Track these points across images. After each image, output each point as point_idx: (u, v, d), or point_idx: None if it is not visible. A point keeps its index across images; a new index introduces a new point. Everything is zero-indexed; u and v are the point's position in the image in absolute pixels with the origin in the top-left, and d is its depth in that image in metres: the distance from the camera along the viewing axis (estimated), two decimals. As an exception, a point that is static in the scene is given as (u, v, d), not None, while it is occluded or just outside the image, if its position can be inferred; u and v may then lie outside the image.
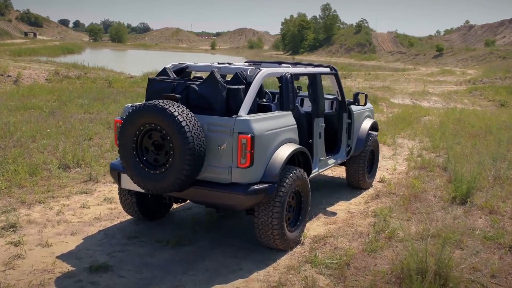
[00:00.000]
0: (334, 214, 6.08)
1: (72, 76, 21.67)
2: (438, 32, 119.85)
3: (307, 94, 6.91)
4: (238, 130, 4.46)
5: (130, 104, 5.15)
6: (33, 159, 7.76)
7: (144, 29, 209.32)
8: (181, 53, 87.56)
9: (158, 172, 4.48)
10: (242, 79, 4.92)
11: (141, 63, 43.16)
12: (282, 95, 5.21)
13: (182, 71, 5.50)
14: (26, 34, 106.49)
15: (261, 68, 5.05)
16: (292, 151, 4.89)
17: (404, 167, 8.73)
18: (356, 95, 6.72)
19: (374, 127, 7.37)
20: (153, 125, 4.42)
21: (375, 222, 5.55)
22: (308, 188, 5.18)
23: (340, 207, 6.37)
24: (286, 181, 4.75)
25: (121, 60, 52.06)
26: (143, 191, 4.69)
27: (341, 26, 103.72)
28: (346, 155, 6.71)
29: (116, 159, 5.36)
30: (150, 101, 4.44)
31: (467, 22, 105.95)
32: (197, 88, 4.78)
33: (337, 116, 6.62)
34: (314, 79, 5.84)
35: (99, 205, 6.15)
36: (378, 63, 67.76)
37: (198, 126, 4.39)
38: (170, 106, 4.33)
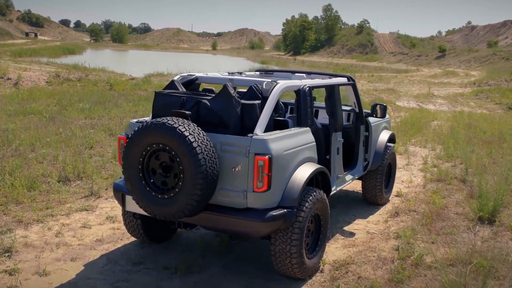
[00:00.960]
0: (352, 234, 5.68)
1: (73, 79, 21.30)
2: (439, 32, 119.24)
3: (321, 105, 6.51)
4: (254, 150, 4.07)
5: (135, 120, 4.76)
6: (31, 170, 7.36)
7: (145, 29, 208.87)
8: (182, 53, 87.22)
9: (166, 196, 4.09)
10: (257, 94, 4.52)
11: (142, 63, 42.82)
12: (299, 110, 4.82)
13: (191, 84, 5.11)
14: (27, 34, 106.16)
15: (278, 81, 4.65)
16: (312, 172, 4.49)
17: (420, 179, 8.33)
18: (374, 107, 6.33)
19: (391, 139, 6.97)
20: (161, 145, 4.03)
21: (398, 246, 5.15)
22: (327, 210, 4.79)
23: (358, 226, 5.97)
24: (306, 205, 4.36)
25: (122, 60, 51.69)
26: (149, 215, 4.30)
27: (342, 26, 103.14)
28: (363, 170, 6.31)
29: (120, 178, 4.96)
30: (158, 119, 4.05)
31: (469, 22, 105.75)
32: (208, 103, 4.38)
33: (354, 129, 6.21)
34: (332, 90, 5.44)
35: (101, 224, 5.75)
36: (380, 64, 67.28)
37: (210, 146, 4.00)
38: (180, 125, 3.93)
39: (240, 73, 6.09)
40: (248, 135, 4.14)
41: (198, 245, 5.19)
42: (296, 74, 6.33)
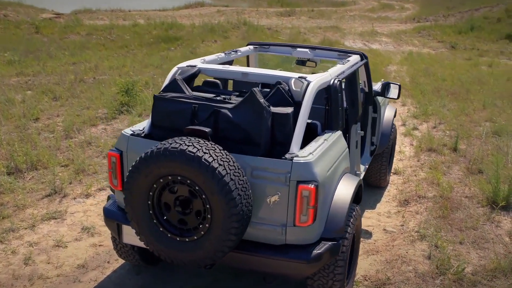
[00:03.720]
0: (369, 234, 5.07)
1: (-11, 20, 18.77)
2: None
3: None
4: (297, 177, 3.21)
5: (129, 130, 3.71)
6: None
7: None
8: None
9: (187, 239, 3.21)
10: (286, 97, 3.59)
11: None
12: (331, 110, 3.96)
13: (192, 79, 4.06)
14: None
15: (308, 79, 3.73)
16: (354, 190, 3.73)
17: (409, 148, 7.84)
18: (385, 86, 5.55)
19: (395, 115, 6.29)
20: (179, 178, 3.10)
21: (430, 253, 4.61)
22: (360, 227, 4.12)
23: (371, 221, 5.36)
24: (349, 231, 3.63)
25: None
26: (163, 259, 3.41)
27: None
28: (370, 155, 5.64)
29: (109, 199, 3.97)
30: (172, 142, 3.07)
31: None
32: (230, 114, 3.41)
33: (362, 111, 5.45)
34: (354, 77, 4.62)
35: (77, 240, 4.76)
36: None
37: (243, 177, 3.12)
38: (204, 152, 3.00)
39: (236, 51, 5.10)
40: (286, 156, 3.28)
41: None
42: (298, 49, 5.43)
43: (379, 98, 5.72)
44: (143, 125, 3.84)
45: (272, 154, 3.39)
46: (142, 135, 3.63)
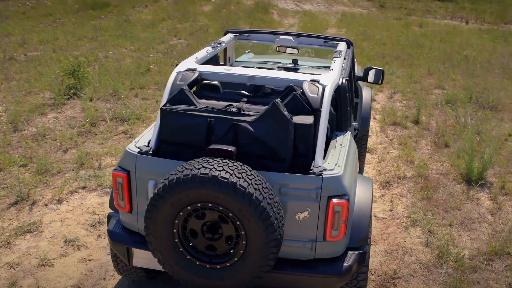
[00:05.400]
0: (362, 222, 5.09)
1: None
2: None
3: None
4: (327, 193, 3.06)
5: (135, 147, 3.35)
6: None
7: None
8: None
9: (219, 266, 3.01)
10: (304, 104, 3.38)
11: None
12: (340, 111, 3.81)
13: (194, 85, 3.72)
14: None
15: (322, 82, 3.53)
16: (372, 193, 3.66)
17: (372, 122, 7.91)
18: (368, 70, 5.44)
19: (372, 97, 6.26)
20: (210, 205, 2.86)
21: (427, 240, 4.70)
22: None
23: (359, 207, 5.39)
24: (369, 236, 3.58)
25: None
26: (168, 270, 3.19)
27: None
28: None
29: (109, 219, 3.63)
30: (199, 167, 2.79)
31: None
32: (251, 127, 3.17)
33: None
34: (352, 71, 4.49)
35: (63, 255, 4.36)
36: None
37: (276, 198, 2.94)
38: (238, 177, 2.77)
39: (220, 43, 4.76)
40: (314, 170, 3.11)
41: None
42: (282, 37, 5.18)
43: (359, 82, 5.65)
44: (146, 138, 3.51)
45: (294, 167, 3.22)
46: (150, 152, 3.31)
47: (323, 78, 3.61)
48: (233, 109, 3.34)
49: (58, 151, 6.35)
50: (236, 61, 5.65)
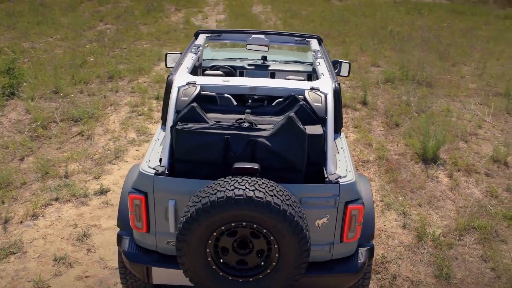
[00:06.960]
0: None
1: None
2: None
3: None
4: (345, 199, 3.24)
5: (150, 168, 3.28)
6: None
7: None
8: None
9: (251, 279, 3.10)
10: (310, 113, 3.51)
11: None
12: (335, 114, 3.96)
13: (197, 99, 3.68)
14: None
15: (322, 90, 3.66)
16: (371, 191, 3.88)
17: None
18: (335, 63, 5.62)
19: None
20: (244, 224, 2.93)
21: (404, 223, 5.06)
22: None
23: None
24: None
25: None
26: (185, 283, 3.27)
27: None
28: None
29: (121, 239, 3.55)
30: (232, 189, 2.85)
31: None
32: (269, 143, 3.23)
33: None
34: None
35: (57, 275, 4.19)
36: None
37: (303, 209, 3.07)
38: (271, 195, 2.86)
39: (196, 47, 4.70)
40: (330, 178, 3.26)
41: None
42: (253, 36, 5.20)
43: None
44: (154, 156, 3.46)
45: (308, 176, 3.36)
46: (166, 172, 3.28)
47: (322, 86, 3.76)
48: (246, 124, 3.38)
49: (13, 160, 5.99)
50: (204, 60, 5.60)
